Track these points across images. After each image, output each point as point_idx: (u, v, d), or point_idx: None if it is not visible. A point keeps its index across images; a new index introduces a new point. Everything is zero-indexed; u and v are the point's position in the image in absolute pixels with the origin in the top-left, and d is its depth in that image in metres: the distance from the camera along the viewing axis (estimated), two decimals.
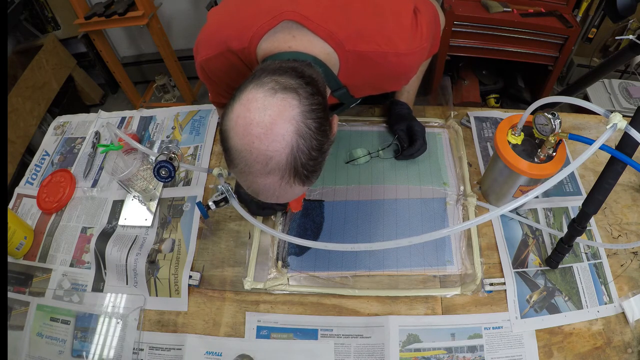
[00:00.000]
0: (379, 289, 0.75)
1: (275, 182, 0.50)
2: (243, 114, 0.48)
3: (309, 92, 0.50)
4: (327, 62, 0.61)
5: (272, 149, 0.47)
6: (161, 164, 0.69)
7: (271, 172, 0.49)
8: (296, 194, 0.55)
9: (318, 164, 0.52)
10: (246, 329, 0.73)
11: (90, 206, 0.92)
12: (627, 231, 0.81)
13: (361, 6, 0.63)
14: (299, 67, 0.53)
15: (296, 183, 0.51)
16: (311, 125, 0.49)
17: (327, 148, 0.53)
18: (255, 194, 0.54)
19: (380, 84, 0.76)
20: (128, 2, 1.90)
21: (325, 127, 0.52)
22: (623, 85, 1.91)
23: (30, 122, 1.90)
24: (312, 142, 0.49)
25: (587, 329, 0.70)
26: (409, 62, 0.69)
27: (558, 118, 0.62)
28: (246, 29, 0.61)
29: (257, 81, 0.50)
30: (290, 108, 0.48)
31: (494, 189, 0.81)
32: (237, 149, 0.49)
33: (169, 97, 2.46)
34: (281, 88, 0.49)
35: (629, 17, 1.24)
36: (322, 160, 0.53)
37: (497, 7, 1.63)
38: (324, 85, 0.58)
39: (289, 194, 0.53)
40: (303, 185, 0.52)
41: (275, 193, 0.52)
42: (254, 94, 0.48)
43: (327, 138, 0.53)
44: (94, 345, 0.75)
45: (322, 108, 0.52)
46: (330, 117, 0.56)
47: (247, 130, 0.47)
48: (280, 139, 0.47)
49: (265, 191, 0.52)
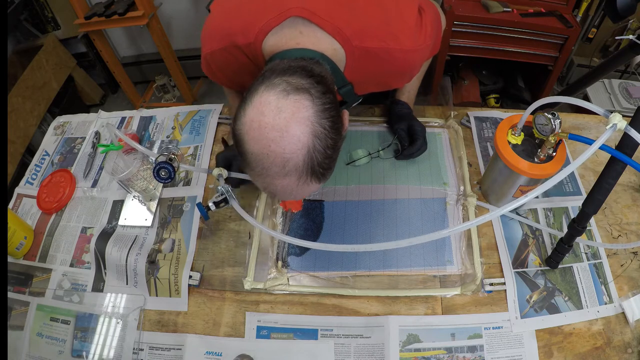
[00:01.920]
0: (379, 289, 0.75)
1: (292, 182, 0.51)
2: (257, 117, 0.48)
3: (321, 91, 0.50)
4: (334, 59, 0.61)
5: (289, 151, 0.48)
6: (161, 165, 0.69)
7: (289, 173, 0.49)
8: (312, 191, 0.57)
9: (333, 161, 0.54)
10: (246, 329, 0.73)
11: (90, 206, 0.92)
12: (627, 231, 0.81)
13: (366, 3, 0.63)
14: (308, 66, 0.53)
15: (313, 181, 0.52)
16: (325, 124, 0.50)
17: (340, 144, 0.54)
18: (273, 195, 0.55)
19: (385, 80, 0.76)
20: (128, 2, 1.90)
21: (338, 124, 0.53)
22: (623, 85, 1.91)
23: (30, 122, 1.90)
24: (328, 141, 0.50)
25: (587, 329, 0.70)
26: (414, 58, 0.69)
27: (558, 118, 0.62)
28: (251, 24, 0.61)
29: (268, 83, 0.50)
30: (304, 109, 0.48)
31: (494, 189, 0.81)
32: (254, 153, 0.49)
33: (169, 97, 2.46)
34: (293, 89, 0.49)
35: (629, 17, 1.24)
36: (336, 157, 0.54)
37: (497, 7, 1.63)
38: (332, 82, 0.58)
39: (305, 191, 0.54)
40: (319, 183, 0.54)
41: (292, 192, 0.53)
42: (266, 97, 0.48)
43: (340, 135, 0.54)
44: (94, 345, 0.75)
45: (334, 106, 0.52)
46: (340, 113, 0.56)
47: (262, 134, 0.48)
48: (297, 140, 0.48)
49: (282, 192, 0.53)
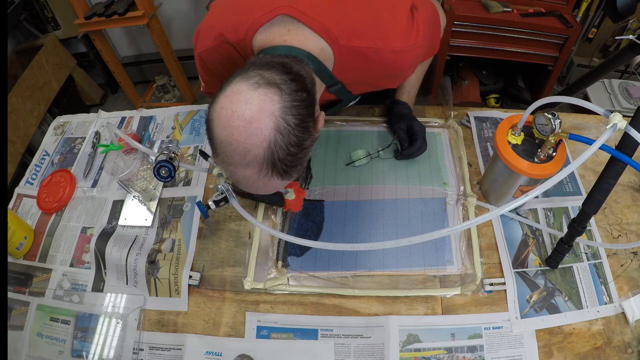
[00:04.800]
0: (379, 289, 0.75)
1: (253, 174, 0.51)
2: (226, 105, 0.49)
3: (293, 89, 0.51)
4: (321, 57, 0.62)
5: (250, 142, 0.48)
6: (161, 163, 0.70)
7: (249, 164, 0.50)
8: (276, 187, 0.57)
9: (298, 160, 0.53)
10: (246, 329, 0.73)
11: (90, 206, 0.92)
12: (627, 231, 0.81)
13: (356, 2, 0.64)
14: (288, 63, 0.54)
15: (274, 177, 0.52)
16: (291, 121, 0.50)
17: (308, 144, 0.54)
18: (237, 184, 0.55)
19: (376, 81, 0.76)
20: (128, 2, 1.90)
21: (308, 123, 0.52)
22: (623, 85, 1.91)
23: (30, 122, 1.90)
24: (291, 138, 0.50)
25: (587, 329, 0.70)
26: (404, 59, 0.68)
27: (558, 118, 0.62)
28: (242, 21, 0.62)
29: (244, 74, 0.51)
30: (271, 103, 0.49)
31: (494, 189, 0.81)
32: (219, 139, 0.50)
33: (169, 97, 2.46)
34: (265, 82, 0.49)
35: (629, 17, 1.24)
36: (302, 157, 0.53)
37: (497, 7, 1.63)
38: (312, 82, 0.58)
39: (268, 186, 0.55)
40: (282, 179, 0.54)
41: (254, 185, 0.54)
42: (238, 87, 0.49)
43: (309, 135, 0.53)
44: (94, 345, 0.75)
45: (306, 105, 0.52)
46: (316, 114, 0.56)
47: (228, 121, 0.49)
48: (259, 132, 0.48)
49: (244, 182, 0.54)
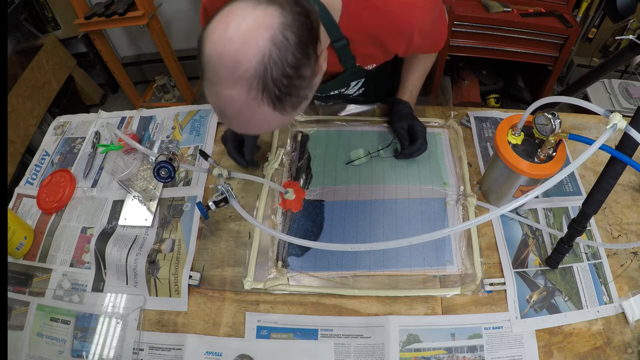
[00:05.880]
0: (379, 289, 0.75)
1: (241, 94, 0.46)
2: (222, 20, 0.46)
3: (296, 12, 0.47)
4: (329, 6, 0.60)
5: (243, 53, 0.44)
6: (161, 164, 0.69)
7: (238, 80, 0.45)
8: (265, 122, 0.51)
9: (293, 87, 0.48)
10: (246, 329, 0.73)
11: (90, 206, 0.92)
12: (627, 231, 0.81)
13: None
14: None
15: (265, 102, 0.47)
16: (290, 37, 0.46)
17: (307, 74, 0.49)
18: (221, 112, 0.50)
19: (381, 38, 0.73)
20: (128, 2, 1.90)
21: (308, 48, 0.48)
22: (623, 85, 1.91)
23: (30, 122, 1.90)
24: (288, 56, 0.46)
25: (587, 329, 0.70)
26: (412, 15, 0.68)
27: (558, 118, 0.62)
28: None
29: None
30: (270, 17, 0.45)
31: (494, 189, 0.81)
32: (209, 54, 0.46)
33: (169, 97, 2.46)
34: (266, 1, 0.47)
35: (629, 17, 1.24)
36: (299, 85, 0.49)
37: (497, 7, 1.63)
38: (317, 21, 0.53)
39: (256, 117, 0.49)
40: (274, 109, 0.48)
41: (240, 113, 0.48)
42: (237, 4, 0.47)
43: (309, 61, 0.49)
44: (94, 345, 0.75)
45: (308, 29, 0.48)
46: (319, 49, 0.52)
47: (221, 35, 0.45)
48: (254, 43, 0.44)
49: (230, 108, 0.48)
